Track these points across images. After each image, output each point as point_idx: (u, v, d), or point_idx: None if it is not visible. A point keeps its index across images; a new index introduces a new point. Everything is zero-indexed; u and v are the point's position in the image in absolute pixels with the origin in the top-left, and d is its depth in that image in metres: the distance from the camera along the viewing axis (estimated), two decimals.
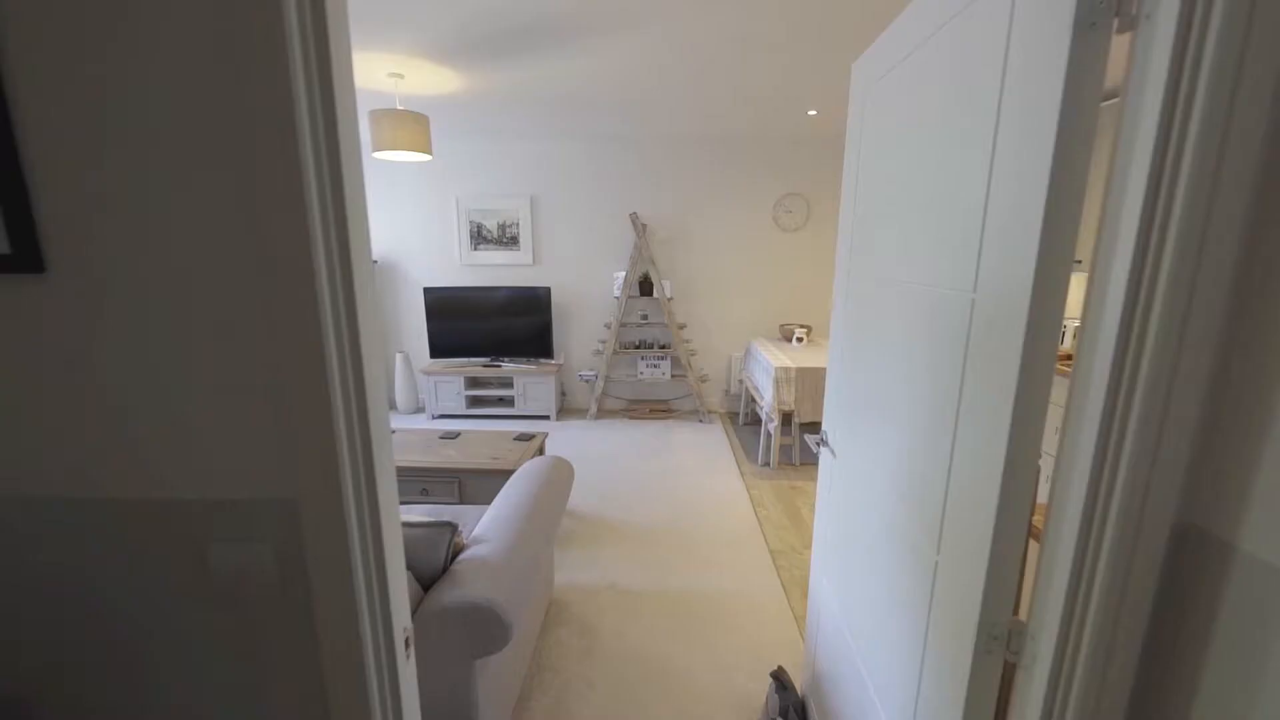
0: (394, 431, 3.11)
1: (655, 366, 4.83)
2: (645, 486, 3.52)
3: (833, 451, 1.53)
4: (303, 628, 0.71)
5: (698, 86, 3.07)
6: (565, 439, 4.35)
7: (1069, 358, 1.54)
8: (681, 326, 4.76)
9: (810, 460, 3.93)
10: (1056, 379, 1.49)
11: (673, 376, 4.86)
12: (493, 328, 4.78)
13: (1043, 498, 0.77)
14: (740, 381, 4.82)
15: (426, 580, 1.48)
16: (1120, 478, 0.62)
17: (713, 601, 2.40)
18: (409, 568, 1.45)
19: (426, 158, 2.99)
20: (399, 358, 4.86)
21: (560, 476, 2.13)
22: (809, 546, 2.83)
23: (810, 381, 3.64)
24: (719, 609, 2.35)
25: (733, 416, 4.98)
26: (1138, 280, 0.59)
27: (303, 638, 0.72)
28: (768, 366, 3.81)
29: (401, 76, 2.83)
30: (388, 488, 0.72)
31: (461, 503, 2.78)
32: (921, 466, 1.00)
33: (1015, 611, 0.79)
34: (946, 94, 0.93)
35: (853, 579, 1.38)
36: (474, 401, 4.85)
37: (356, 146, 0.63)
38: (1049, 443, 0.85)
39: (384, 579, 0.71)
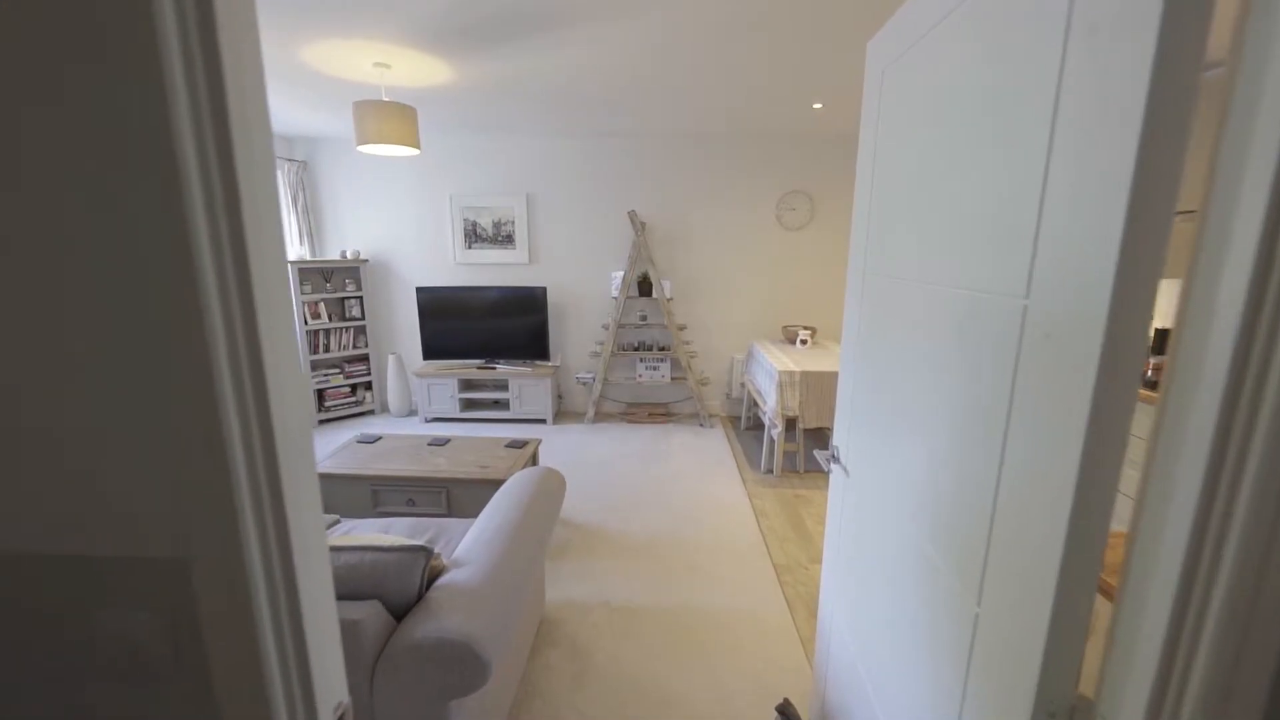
0: (379, 438, 2.99)
1: (654, 369, 4.70)
2: (644, 494, 3.39)
3: (845, 469, 1.40)
4: (204, 706, 0.58)
5: (697, 79, 2.94)
6: (561, 443, 4.22)
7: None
8: (681, 328, 4.63)
9: (815, 468, 3.80)
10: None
11: (672, 379, 4.73)
12: (487, 329, 4.65)
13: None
14: (742, 385, 4.69)
15: (399, 609, 1.35)
16: (1234, 534, 0.48)
17: (714, 620, 2.27)
18: (378, 596, 1.32)
19: (414, 152, 2.86)
20: (391, 359, 4.73)
21: (550, 489, 2.00)
22: (815, 561, 2.69)
23: (815, 386, 3.50)
24: (720, 628, 2.22)
25: (734, 421, 4.84)
26: (1260, 291, 0.45)
27: (204, 718, 0.59)
28: (770, 370, 3.67)
29: (388, 67, 2.70)
30: (309, 536, 0.59)
31: (450, 513, 2.65)
32: (955, 498, 0.86)
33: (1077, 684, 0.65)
34: (985, 67, 0.79)
35: (869, 614, 1.24)
36: (468, 404, 4.72)
37: (263, 128, 0.50)
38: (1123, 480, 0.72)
39: (303, 645, 0.58)
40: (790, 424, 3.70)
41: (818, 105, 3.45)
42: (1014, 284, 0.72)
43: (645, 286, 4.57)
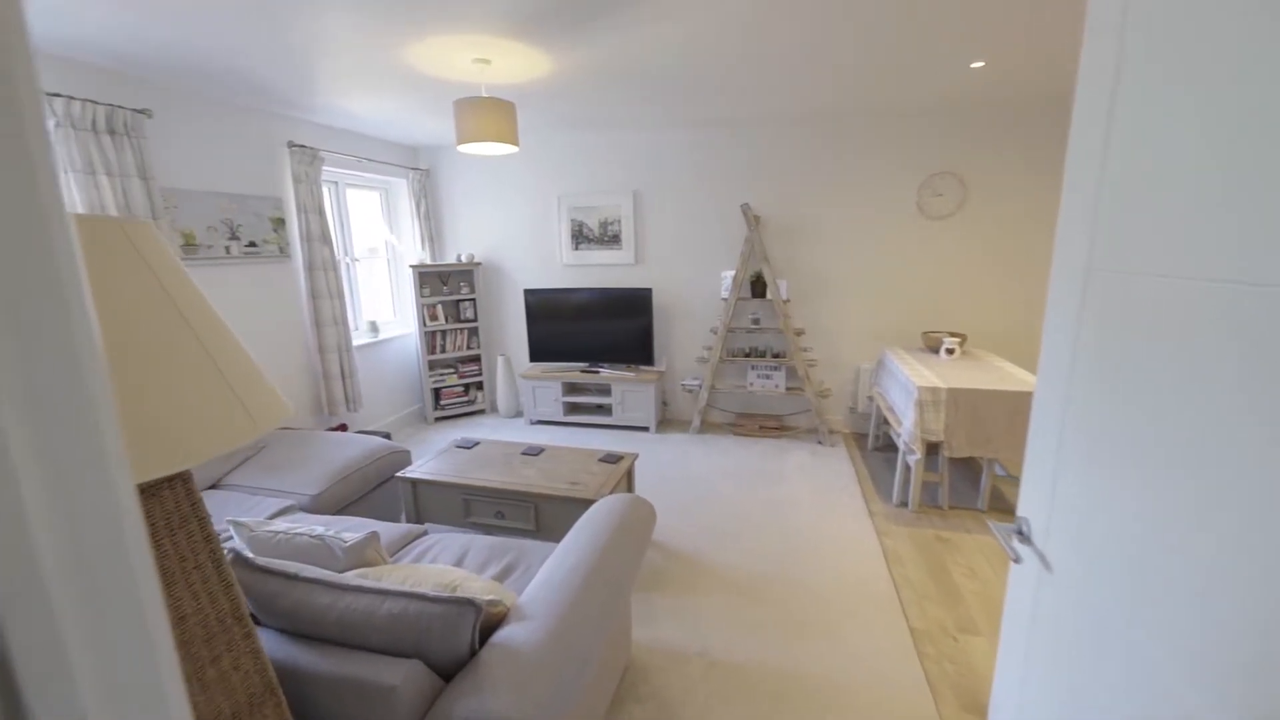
0: (476, 444, 2.92)
1: (768, 377, 4.26)
2: (752, 520, 3.01)
3: (1044, 559, 0.95)
4: None
5: (820, 47, 2.50)
6: (662, 454, 3.95)
7: None
8: (799, 333, 4.15)
9: (963, 504, 3.15)
10: None
11: (788, 389, 4.26)
12: (592, 332, 4.52)
13: None
14: (870, 399, 4.10)
15: (448, 670, 1.15)
16: None
17: (833, 694, 1.85)
18: (422, 653, 1.13)
19: (513, 149, 2.75)
20: (500, 361, 4.79)
21: (637, 524, 1.73)
22: (968, 631, 2.15)
23: (967, 406, 2.88)
24: (840, 703, 1.80)
25: (860, 439, 4.25)
26: None
27: None
28: (908, 385, 3.10)
29: (487, 62, 2.61)
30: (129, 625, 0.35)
31: (537, 529, 2.49)
32: None
33: None
34: None
35: None
36: (571, 408, 4.63)
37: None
38: None
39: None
40: (931, 449, 3.10)
41: (978, 64, 2.83)
42: None
43: (759, 287, 4.15)
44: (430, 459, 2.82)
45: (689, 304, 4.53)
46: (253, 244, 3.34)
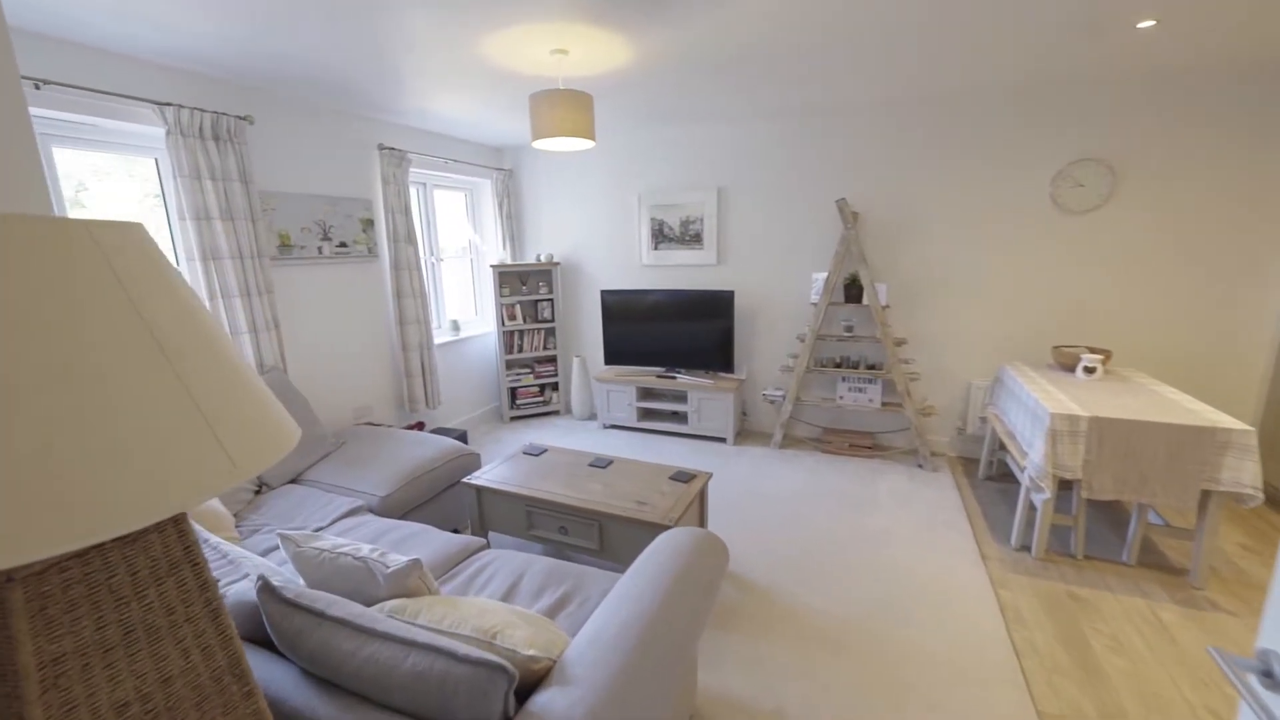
0: (544, 451, 2.82)
1: (861, 391, 3.85)
2: (839, 554, 2.68)
3: None
4: None
5: (944, 7, 2.13)
6: (739, 470, 3.68)
7: None
8: (900, 343, 3.71)
9: (1104, 554, 2.63)
10: None
11: (884, 405, 3.83)
12: (670, 335, 4.32)
13: None
14: (983, 420, 3.58)
15: None
16: None
17: None
18: None
19: (589, 144, 2.60)
20: (576, 362, 4.71)
21: (706, 570, 1.50)
22: None
23: (1115, 439, 2.38)
24: None
25: (968, 465, 3.74)
26: None
27: None
28: (1036, 408, 2.62)
29: (565, 53, 2.47)
30: None
31: (601, 549, 2.33)
32: None
33: None
34: None
35: None
36: (645, 414, 4.46)
37: None
38: None
39: None
40: (1063, 486, 2.61)
41: (1147, 23, 2.31)
42: None
43: (854, 291, 3.76)
44: (497, 464, 2.75)
45: (774, 308, 4.20)
46: (343, 244, 3.45)
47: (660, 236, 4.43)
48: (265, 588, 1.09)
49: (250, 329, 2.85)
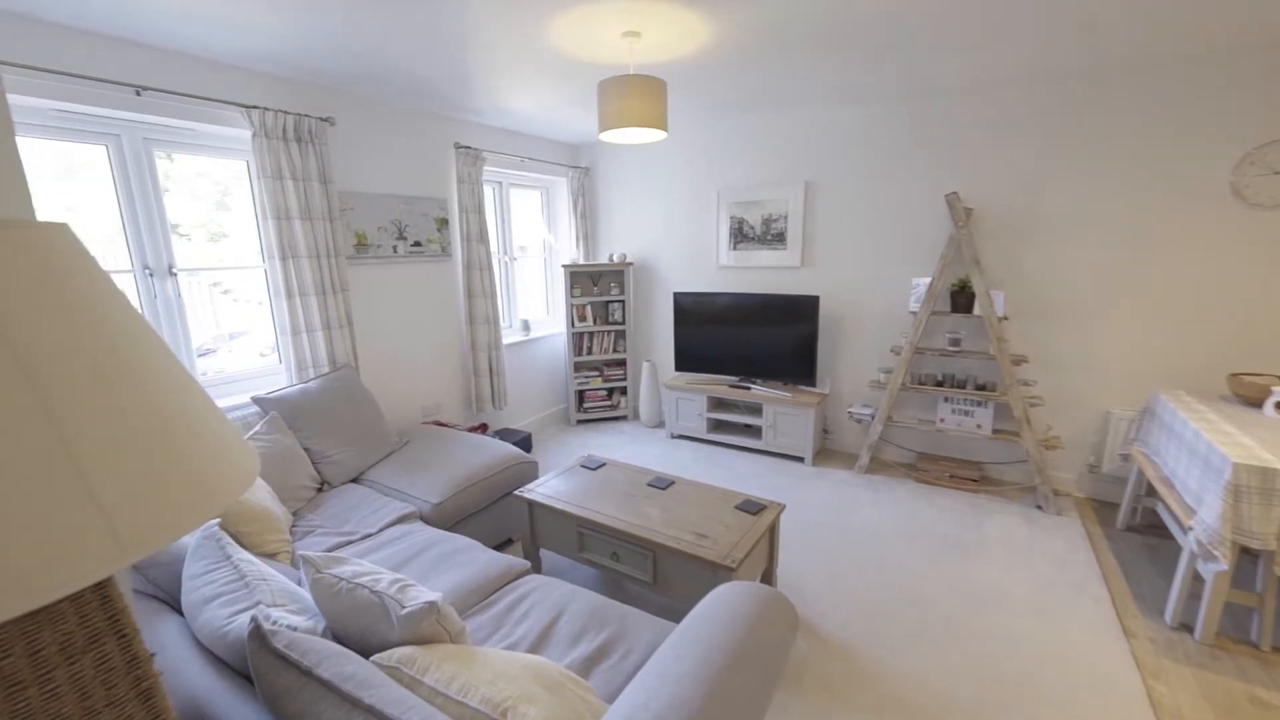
0: (603, 464, 2.65)
1: (967, 414, 3.35)
2: (935, 609, 2.28)
3: None
4: None
5: None
6: (817, 495, 3.31)
7: None
8: (1019, 361, 3.17)
9: None
10: None
11: (995, 432, 3.30)
12: (746, 342, 4.02)
13: None
14: (1125, 458, 2.98)
15: None
16: None
17: None
18: None
19: (660, 134, 2.38)
20: (646, 367, 4.52)
21: (768, 645, 1.23)
22: None
23: None
24: None
25: (1103, 510, 3.14)
26: None
27: None
28: (1210, 455, 2.08)
29: (637, 35, 2.27)
30: None
31: (654, 583, 2.11)
32: None
33: None
34: None
35: None
36: (716, 425, 4.18)
37: None
38: None
39: None
40: (1244, 552, 2.05)
41: None
42: None
43: (963, 299, 3.26)
44: (553, 477, 2.61)
45: (864, 316, 3.77)
46: (417, 244, 3.47)
47: (739, 236, 4.13)
48: (256, 633, 0.97)
49: (324, 326, 2.90)
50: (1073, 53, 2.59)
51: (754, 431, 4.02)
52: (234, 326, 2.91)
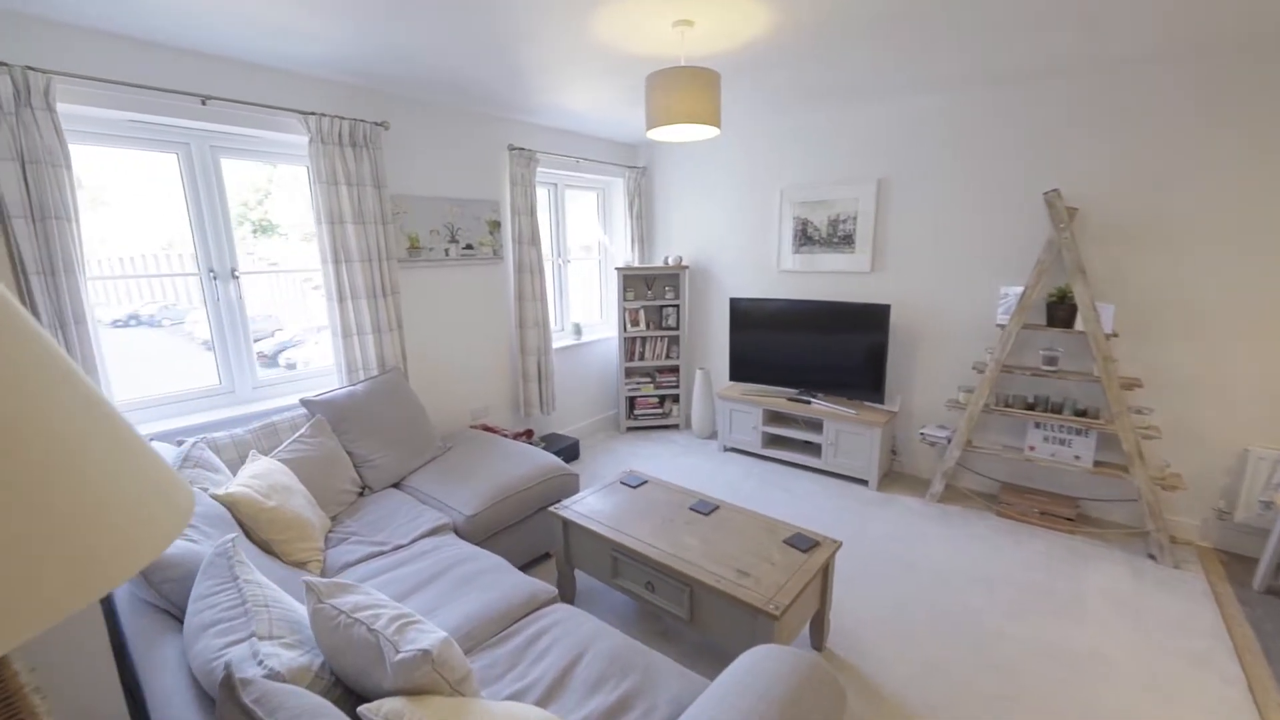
0: (643, 483, 2.50)
1: (1063, 443, 2.94)
2: (1020, 675, 1.97)
3: None
4: None
5: None
6: (881, 525, 3.00)
7: None
8: (1131, 385, 2.73)
9: None
10: None
11: (1096, 464, 2.87)
12: (807, 352, 3.74)
13: None
14: (1268, 504, 2.49)
15: None
16: None
17: None
18: None
19: (713, 131, 2.19)
20: (699, 375, 4.33)
21: None
22: None
23: None
24: None
25: (1234, 565, 2.65)
26: None
27: None
28: None
29: (690, 24, 2.09)
30: None
31: (691, 620, 1.93)
32: None
33: None
34: None
35: None
36: (772, 440, 3.93)
37: None
38: None
39: None
40: None
41: None
42: None
43: (1062, 311, 2.86)
44: (591, 492, 2.49)
45: (942, 328, 3.41)
46: (469, 246, 3.46)
47: (803, 238, 3.85)
48: (227, 682, 0.89)
49: (374, 329, 2.92)
50: (1215, 21, 2.16)
51: (813, 449, 3.74)
52: (321, 320, 3.02)
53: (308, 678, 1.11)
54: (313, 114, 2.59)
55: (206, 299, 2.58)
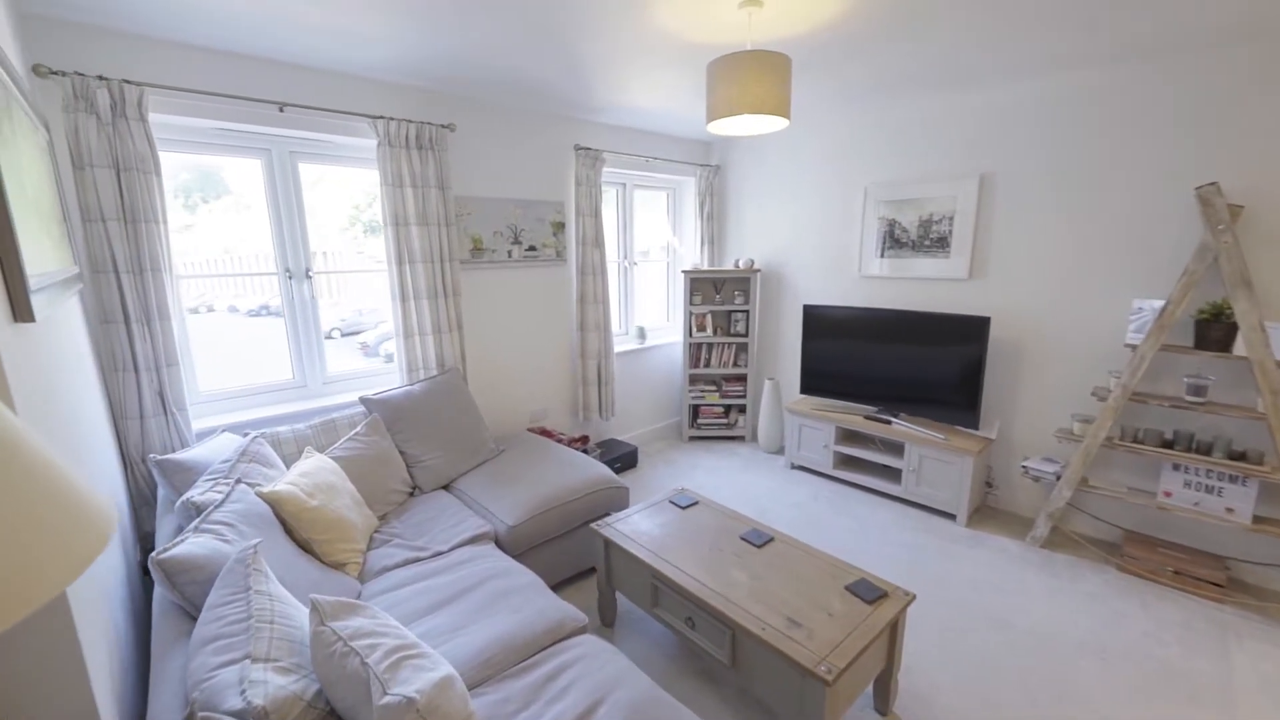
0: (694, 504, 2.33)
1: (1211, 491, 2.42)
2: None
3: None
4: None
5: None
6: (969, 570, 2.62)
7: None
8: None
9: None
10: None
11: (1256, 520, 2.34)
12: (887, 366, 3.39)
13: None
14: None
15: None
16: None
17: None
18: None
19: (781, 123, 1.97)
20: (768, 385, 4.07)
21: None
22: None
23: None
24: None
25: None
26: None
27: None
28: None
29: (758, 5, 1.88)
30: None
31: (733, 665, 1.73)
32: None
33: None
34: None
35: None
36: (844, 461, 3.60)
37: None
38: None
39: None
40: None
41: None
42: None
43: (1215, 331, 2.35)
44: (638, 510, 2.35)
45: (1055, 345, 2.94)
46: (532, 248, 3.43)
47: (890, 240, 3.49)
48: None
49: (434, 330, 2.95)
50: None
51: (892, 474, 3.37)
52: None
53: (296, 708, 1.05)
54: (380, 118, 2.64)
55: (282, 297, 2.71)
